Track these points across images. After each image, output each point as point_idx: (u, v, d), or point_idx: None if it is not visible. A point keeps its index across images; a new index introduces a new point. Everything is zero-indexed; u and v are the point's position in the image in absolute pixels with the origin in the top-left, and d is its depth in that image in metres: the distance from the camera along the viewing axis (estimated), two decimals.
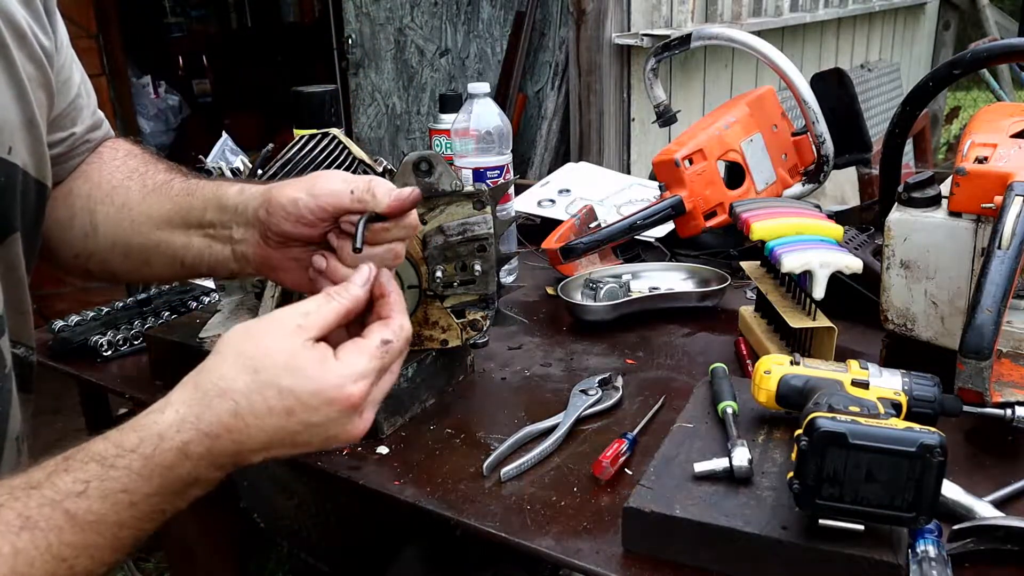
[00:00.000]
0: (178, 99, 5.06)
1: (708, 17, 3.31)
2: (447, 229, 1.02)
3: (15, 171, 0.79)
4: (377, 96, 3.93)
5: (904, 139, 1.24)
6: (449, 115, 1.68)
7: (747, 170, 1.46)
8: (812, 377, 0.83)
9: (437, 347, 1.07)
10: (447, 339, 1.07)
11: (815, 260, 1.04)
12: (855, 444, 0.67)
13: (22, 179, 0.80)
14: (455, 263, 1.03)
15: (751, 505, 0.76)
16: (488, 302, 1.07)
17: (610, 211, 1.66)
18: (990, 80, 5.12)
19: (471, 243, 1.02)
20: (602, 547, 0.80)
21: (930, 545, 0.73)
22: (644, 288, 1.39)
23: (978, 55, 1.15)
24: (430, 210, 1.01)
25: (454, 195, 1.01)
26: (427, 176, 1.00)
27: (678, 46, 1.62)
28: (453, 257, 1.03)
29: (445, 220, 1.02)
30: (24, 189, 0.81)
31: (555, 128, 3.22)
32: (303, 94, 1.44)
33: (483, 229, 1.02)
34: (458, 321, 1.06)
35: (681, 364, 1.17)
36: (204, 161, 1.13)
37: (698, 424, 0.90)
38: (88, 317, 1.32)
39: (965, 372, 0.83)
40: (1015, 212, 0.87)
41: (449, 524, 0.86)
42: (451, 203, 1.01)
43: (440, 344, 1.07)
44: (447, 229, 1.02)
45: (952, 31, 5.73)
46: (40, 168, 0.84)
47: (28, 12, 0.82)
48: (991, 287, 0.84)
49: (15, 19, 0.79)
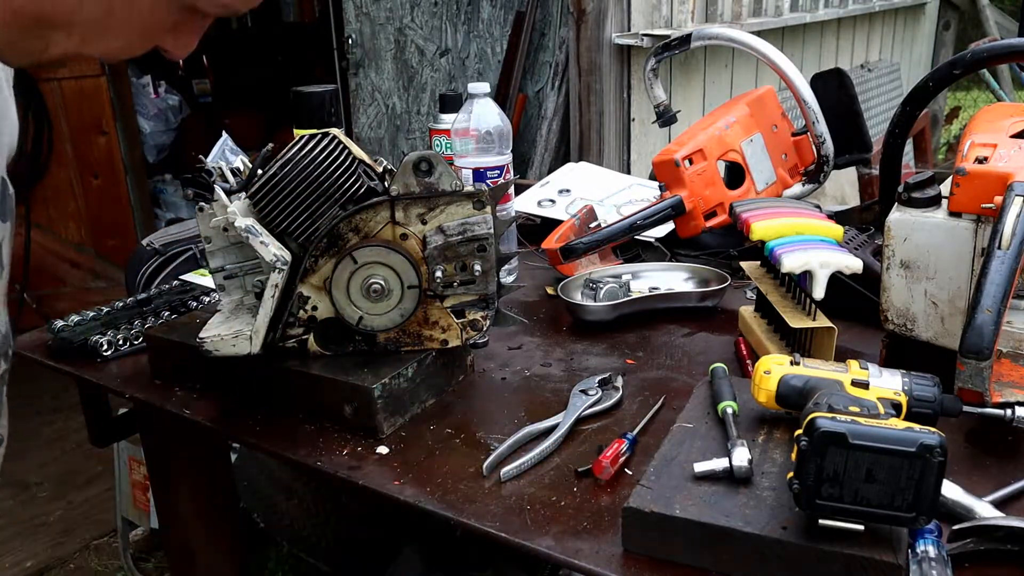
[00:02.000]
0: (178, 99, 5.06)
1: (708, 17, 3.31)
2: (447, 229, 1.02)
3: None
4: (377, 96, 3.93)
5: (904, 139, 1.24)
6: (449, 115, 1.68)
7: (747, 170, 1.46)
8: (812, 377, 0.83)
9: (437, 347, 1.07)
10: (447, 339, 1.07)
11: (815, 260, 1.04)
12: (855, 444, 0.67)
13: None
14: (455, 263, 1.03)
15: (751, 505, 0.76)
16: (488, 302, 1.07)
17: (610, 211, 1.66)
18: (990, 80, 5.12)
19: (471, 243, 1.03)
20: (602, 547, 0.80)
21: (930, 545, 0.73)
22: (644, 288, 1.39)
23: (978, 55, 1.15)
24: (430, 210, 1.01)
25: (454, 195, 1.01)
26: (427, 176, 1.00)
27: (678, 46, 1.62)
28: (453, 257, 1.03)
29: (445, 220, 1.02)
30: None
31: (555, 128, 3.21)
32: (303, 94, 1.45)
33: (483, 229, 1.02)
34: (458, 321, 1.06)
35: (681, 364, 1.17)
36: (204, 161, 1.13)
37: (698, 424, 0.90)
38: (88, 317, 1.32)
39: (965, 372, 0.83)
40: (1015, 212, 0.87)
41: (449, 524, 0.86)
42: (451, 203, 1.01)
43: (440, 344, 1.07)
44: (447, 229, 1.02)
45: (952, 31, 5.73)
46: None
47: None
48: (991, 287, 0.84)
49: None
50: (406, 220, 1.02)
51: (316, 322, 1.05)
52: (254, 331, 1.02)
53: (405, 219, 1.02)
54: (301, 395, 1.05)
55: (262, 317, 1.01)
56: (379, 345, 1.06)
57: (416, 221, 1.02)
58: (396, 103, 3.90)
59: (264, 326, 1.02)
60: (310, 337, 1.06)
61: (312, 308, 1.04)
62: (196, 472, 1.44)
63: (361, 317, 1.03)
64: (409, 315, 1.04)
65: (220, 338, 1.02)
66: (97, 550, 2.47)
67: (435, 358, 1.08)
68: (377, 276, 1.01)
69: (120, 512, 2.24)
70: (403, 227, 1.02)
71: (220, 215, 1.04)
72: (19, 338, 1.32)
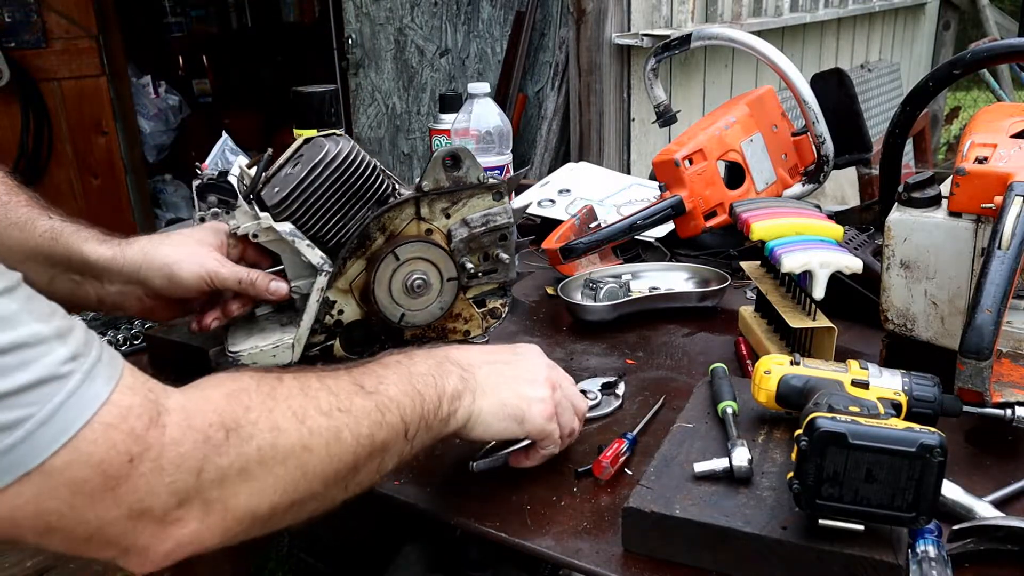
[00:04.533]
0: (178, 99, 5.06)
1: (708, 17, 3.31)
2: (471, 221, 1.05)
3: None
4: (377, 96, 3.93)
5: (904, 139, 1.24)
6: (449, 115, 1.68)
7: (747, 170, 1.46)
8: (812, 377, 0.83)
9: (460, 338, 1.10)
10: (469, 329, 1.10)
11: (815, 260, 1.04)
12: (855, 444, 0.67)
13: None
14: (478, 254, 1.06)
15: (751, 505, 0.76)
16: (506, 289, 1.11)
17: (610, 211, 1.66)
18: (990, 80, 5.12)
19: (493, 233, 1.06)
20: (602, 547, 0.80)
21: (930, 545, 0.73)
22: (644, 288, 1.39)
23: (978, 55, 1.15)
24: (453, 204, 1.03)
25: (475, 188, 1.04)
26: (456, 170, 1.02)
27: (678, 46, 1.62)
28: (477, 248, 1.06)
29: (467, 213, 1.04)
30: None
31: (555, 128, 3.21)
32: (303, 94, 1.45)
33: (504, 219, 1.06)
34: (479, 311, 1.09)
35: (681, 364, 1.17)
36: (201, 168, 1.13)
37: (698, 424, 0.90)
38: (88, 317, 1.32)
39: (965, 372, 0.83)
40: (1015, 212, 0.87)
41: (449, 524, 0.86)
42: (472, 196, 1.04)
43: (463, 335, 1.09)
44: (471, 221, 1.05)
45: (952, 31, 5.73)
46: None
47: None
48: (991, 287, 0.84)
49: None
50: (431, 215, 1.03)
51: (342, 326, 1.04)
52: (296, 339, 1.00)
53: (430, 214, 1.03)
54: None
55: (305, 324, 1.00)
56: (406, 344, 1.07)
57: (441, 216, 1.04)
58: (396, 103, 3.90)
59: (306, 333, 1.00)
60: (335, 343, 1.04)
61: (338, 312, 1.03)
62: None
63: (403, 314, 1.03)
64: (448, 307, 1.06)
65: (258, 350, 0.99)
66: None
67: None
68: (418, 271, 1.02)
69: None
70: (428, 222, 1.03)
71: (244, 222, 1.00)
72: None
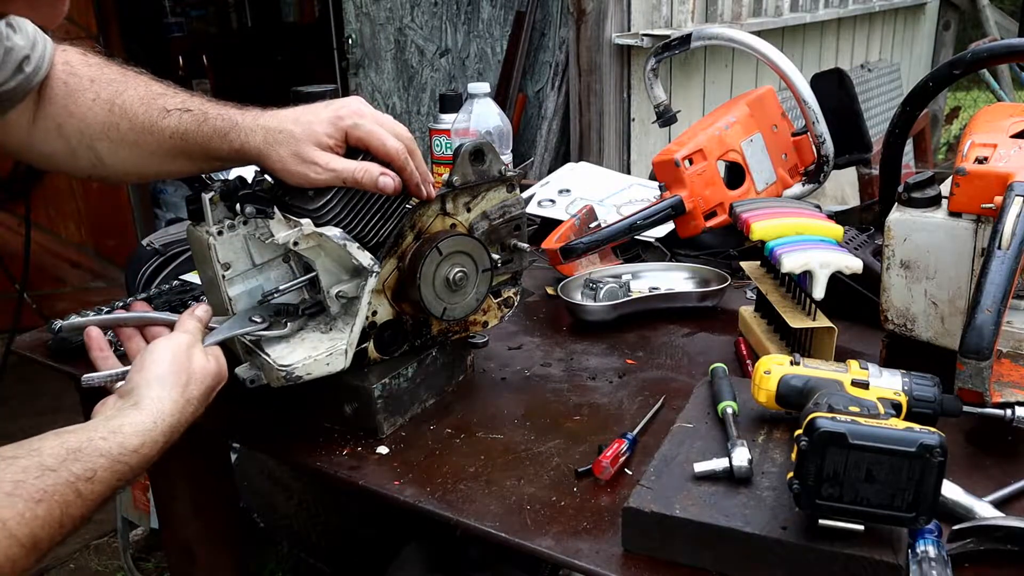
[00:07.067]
0: None
1: (708, 17, 3.31)
2: (490, 214, 1.07)
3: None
4: (377, 96, 3.93)
5: (904, 139, 1.24)
6: (449, 115, 1.68)
7: (747, 170, 1.46)
8: (812, 377, 0.83)
9: (480, 330, 1.12)
10: (487, 320, 1.12)
11: (815, 260, 1.04)
12: (855, 444, 0.67)
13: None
14: (496, 244, 1.08)
15: (751, 505, 0.76)
16: (517, 278, 1.13)
17: (610, 211, 1.66)
18: (990, 80, 5.12)
19: (509, 223, 1.08)
20: (602, 547, 0.80)
21: (930, 545, 0.73)
22: (644, 288, 1.39)
23: (978, 55, 1.15)
24: (473, 197, 1.05)
25: (492, 181, 1.05)
26: (480, 164, 1.04)
27: (678, 46, 1.62)
28: (495, 239, 1.08)
29: (486, 206, 1.06)
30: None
31: (555, 128, 3.21)
32: (303, 94, 1.45)
33: (518, 209, 1.09)
34: (495, 301, 1.11)
35: (681, 364, 1.17)
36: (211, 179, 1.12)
37: (698, 424, 0.90)
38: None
39: (965, 372, 0.83)
40: (1015, 212, 0.87)
41: (449, 524, 0.86)
42: (490, 189, 1.06)
43: (482, 326, 1.11)
44: (490, 214, 1.07)
45: (952, 31, 5.73)
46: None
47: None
48: (991, 287, 0.84)
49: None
50: (455, 210, 1.04)
51: (376, 327, 1.03)
52: (348, 344, 0.98)
53: (454, 209, 1.04)
54: (301, 395, 1.05)
55: (357, 327, 0.99)
56: (432, 339, 1.08)
57: (463, 210, 1.05)
58: (396, 103, 3.89)
59: (357, 337, 0.99)
60: (369, 345, 1.02)
61: (372, 313, 1.02)
62: (196, 472, 1.44)
63: (445, 308, 1.04)
64: (483, 298, 1.07)
65: (312, 360, 0.97)
66: (97, 550, 2.47)
67: (435, 358, 1.08)
68: (458, 265, 1.03)
69: (120, 512, 2.24)
70: (452, 217, 1.04)
71: (281, 232, 0.97)
72: (19, 338, 1.33)
